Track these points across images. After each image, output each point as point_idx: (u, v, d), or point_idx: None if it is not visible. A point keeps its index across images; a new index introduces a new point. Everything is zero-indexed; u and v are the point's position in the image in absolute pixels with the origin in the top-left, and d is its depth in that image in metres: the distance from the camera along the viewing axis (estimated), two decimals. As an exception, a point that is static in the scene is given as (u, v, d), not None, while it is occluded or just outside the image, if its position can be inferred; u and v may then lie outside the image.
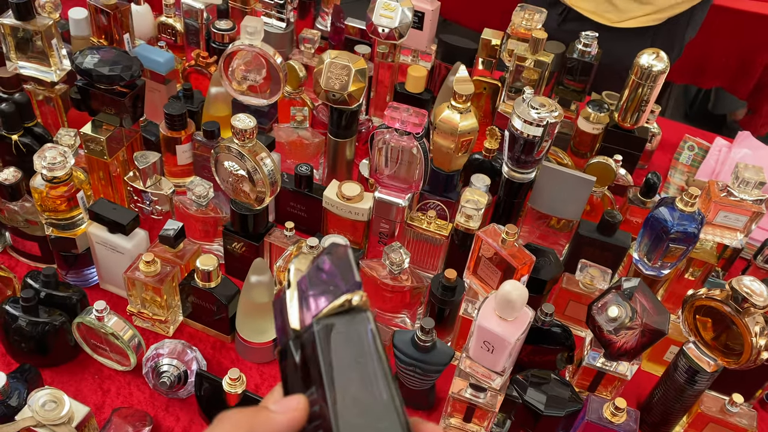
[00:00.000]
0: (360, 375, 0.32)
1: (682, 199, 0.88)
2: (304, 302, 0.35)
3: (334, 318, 0.34)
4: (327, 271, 0.36)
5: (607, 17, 1.56)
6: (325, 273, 0.36)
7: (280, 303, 0.39)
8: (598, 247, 1.12)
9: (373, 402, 0.31)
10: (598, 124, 1.30)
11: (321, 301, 0.34)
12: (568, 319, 1.09)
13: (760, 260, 1.19)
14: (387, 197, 1.06)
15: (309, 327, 0.34)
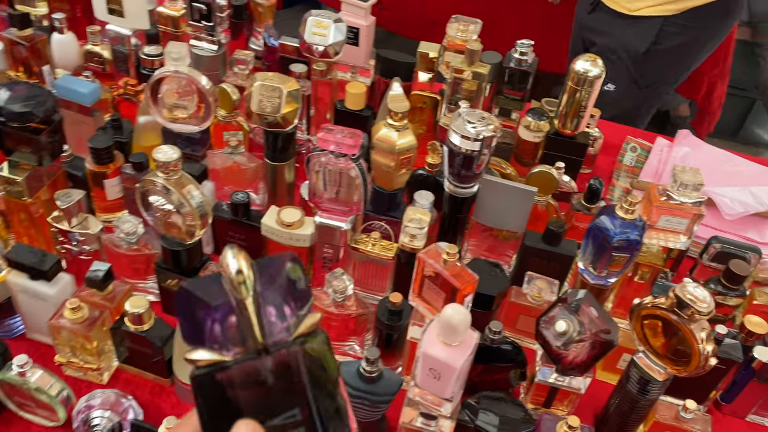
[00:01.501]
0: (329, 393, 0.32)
1: (622, 206, 0.87)
2: (269, 314, 0.32)
3: (310, 335, 0.32)
4: (280, 284, 0.32)
5: (623, 5, 1.61)
6: (279, 285, 0.32)
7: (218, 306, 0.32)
8: (545, 258, 1.10)
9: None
10: (538, 132, 1.30)
11: (289, 316, 0.32)
12: (520, 332, 1.07)
13: (706, 258, 1.19)
14: (328, 221, 1.03)
15: (286, 344, 0.31)
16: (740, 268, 1.09)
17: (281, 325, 0.32)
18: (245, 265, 0.31)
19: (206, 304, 0.31)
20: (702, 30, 1.65)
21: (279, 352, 0.31)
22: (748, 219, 1.31)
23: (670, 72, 1.72)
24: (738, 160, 1.49)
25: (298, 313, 0.32)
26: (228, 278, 0.31)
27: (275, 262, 0.32)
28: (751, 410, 1.01)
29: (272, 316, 0.32)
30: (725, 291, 1.12)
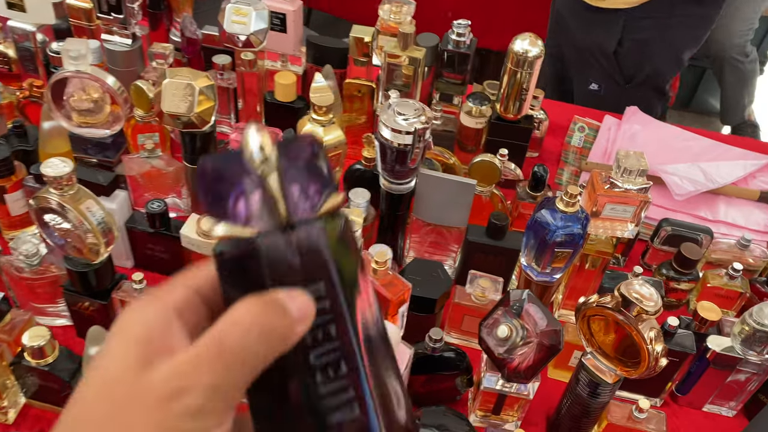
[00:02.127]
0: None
1: (562, 199, 0.81)
2: (293, 192, 0.30)
3: (332, 215, 0.31)
4: (304, 164, 0.31)
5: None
6: (303, 165, 0.31)
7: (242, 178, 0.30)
8: (489, 253, 1.04)
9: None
10: (480, 118, 1.23)
11: (313, 194, 0.31)
12: (467, 334, 1.01)
13: (657, 242, 1.15)
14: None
15: (310, 221, 0.30)
16: (691, 251, 1.05)
17: (305, 203, 0.31)
18: (268, 142, 0.30)
19: (229, 180, 0.30)
20: (670, 18, 1.51)
21: (303, 228, 0.30)
22: (699, 197, 1.27)
23: (647, 66, 1.59)
24: (688, 135, 1.45)
25: (321, 192, 0.31)
26: (250, 155, 0.30)
27: (299, 143, 0.32)
28: (708, 400, 0.97)
29: (296, 194, 0.31)
30: (677, 276, 1.07)
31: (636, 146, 1.40)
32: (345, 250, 0.31)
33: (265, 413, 0.30)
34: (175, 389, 0.26)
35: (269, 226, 0.30)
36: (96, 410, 0.27)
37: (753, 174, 1.36)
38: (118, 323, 0.29)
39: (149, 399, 0.26)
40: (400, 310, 0.77)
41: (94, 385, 0.27)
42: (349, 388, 0.30)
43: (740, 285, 1.06)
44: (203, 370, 0.26)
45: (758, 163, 1.38)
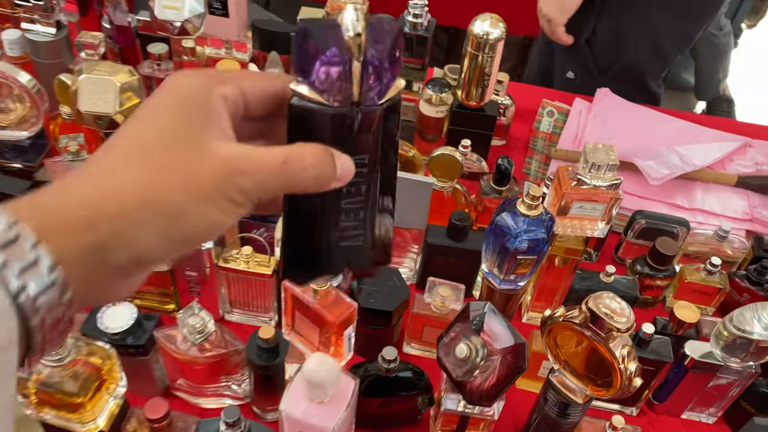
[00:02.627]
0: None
1: (524, 201, 0.73)
2: (369, 77, 0.34)
3: (387, 104, 0.36)
4: (386, 47, 0.34)
5: None
6: (385, 48, 0.34)
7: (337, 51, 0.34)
8: (451, 255, 0.96)
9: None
10: (441, 106, 1.14)
11: (384, 83, 0.35)
12: (429, 345, 0.93)
13: (631, 236, 1.08)
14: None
15: (375, 105, 0.35)
16: (667, 247, 0.98)
17: (375, 91, 0.35)
18: (362, 23, 0.33)
19: (319, 47, 0.33)
20: (647, 9, 1.37)
21: (368, 109, 0.35)
22: (675, 184, 1.20)
23: (623, 57, 1.45)
24: (662, 117, 1.38)
25: (390, 82, 0.35)
26: (345, 30, 0.33)
27: (389, 25, 0.35)
28: (686, 407, 0.90)
29: (371, 82, 0.34)
30: (652, 272, 1.00)
31: (608, 131, 1.32)
32: (393, 132, 0.37)
33: (296, 227, 0.37)
34: (238, 169, 0.32)
35: (342, 100, 0.34)
36: (167, 133, 0.32)
37: (730, 157, 1.30)
38: (192, 79, 0.33)
39: (216, 161, 0.31)
40: (346, 332, 0.69)
41: (171, 108, 0.32)
42: (359, 227, 0.38)
43: (719, 280, 0.99)
44: (262, 170, 0.32)
45: (734, 144, 1.31)
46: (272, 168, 0.32)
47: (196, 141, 0.32)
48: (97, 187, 0.30)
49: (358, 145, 0.35)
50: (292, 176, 0.33)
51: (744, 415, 0.88)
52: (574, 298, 0.96)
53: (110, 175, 0.31)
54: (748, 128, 1.42)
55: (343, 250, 0.38)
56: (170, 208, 0.30)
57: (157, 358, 0.81)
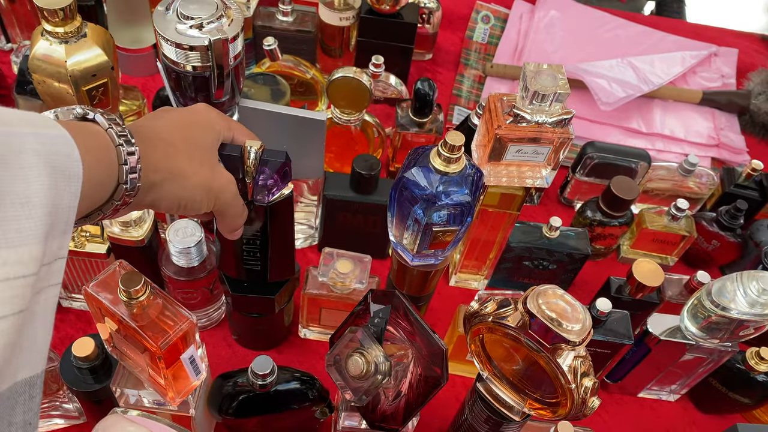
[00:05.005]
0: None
1: (441, 153, 0.51)
2: (257, 189, 0.54)
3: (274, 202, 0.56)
4: (266, 175, 0.54)
5: None
6: (272, 170, 0.54)
7: None
8: (357, 212, 0.75)
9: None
10: (346, 11, 0.89)
11: (270, 192, 0.55)
12: (330, 328, 0.73)
13: (581, 173, 0.88)
14: None
15: (263, 204, 0.55)
16: (624, 189, 0.79)
17: (264, 196, 0.53)
18: (253, 163, 0.51)
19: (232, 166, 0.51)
20: None
21: (257, 205, 0.54)
22: (630, 103, 1.00)
23: None
24: (616, 21, 1.16)
25: (276, 192, 0.54)
26: (245, 166, 0.51)
27: (277, 157, 0.52)
28: (645, 386, 0.75)
29: (258, 191, 0.53)
30: (606, 220, 0.82)
31: (553, 39, 1.10)
32: (283, 213, 0.56)
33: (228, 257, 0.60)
34: (224, 187, 0.48)
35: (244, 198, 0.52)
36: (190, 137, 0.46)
37: (693, 69, 1.10)
38: (218, 117, 0.50)
39: (217, 174, 0.47)
40: (184, 356, 0.47)
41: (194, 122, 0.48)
42: (258, 260, 0.59)
43: (684, 227, 0.82)
44: (233, 198, 0.49)
45: (699, 54, 1.12)
46: (239, 202, 0.51)
47: (214, 157, 0.48)
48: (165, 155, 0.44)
49: (252, 222, 0.55)
50: (240, 214, 0.52)
51: (712, 393, 0.73)
52: (511, 258, 0.77)
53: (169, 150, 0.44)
54: (708, 32, 1.22)
55: (249, 270, 0.61)
56: (194, 187, 0.45)
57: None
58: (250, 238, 0.58)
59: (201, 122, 0.47)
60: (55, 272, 0.33)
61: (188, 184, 0.44)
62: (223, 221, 0.50)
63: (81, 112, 0.40)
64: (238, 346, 0.73)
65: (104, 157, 0.38)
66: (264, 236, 0.57)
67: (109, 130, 0.39)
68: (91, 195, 0.37)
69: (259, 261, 0.60)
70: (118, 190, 0.39)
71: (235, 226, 0.52)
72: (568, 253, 0.76)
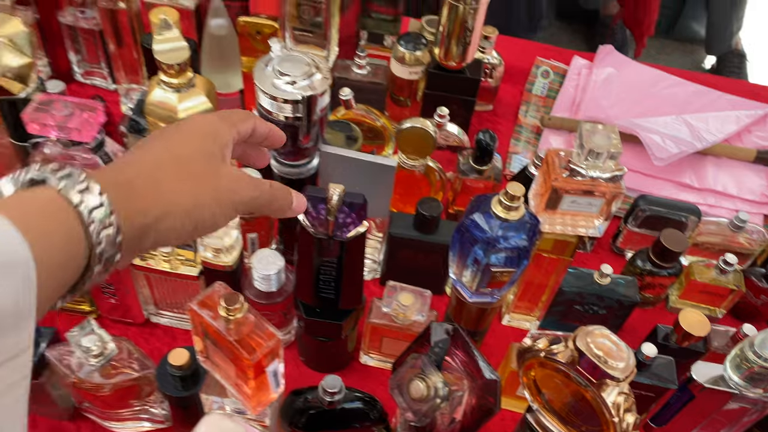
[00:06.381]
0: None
1: (502, 201, 0.57)
2: (340, 225, 0.63)
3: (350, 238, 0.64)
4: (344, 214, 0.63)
5: None
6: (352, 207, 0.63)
7: None
8: (418, 249, 0.81)
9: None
10: (415, 67, 0.97)
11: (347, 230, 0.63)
12: (390, 356, 0.79)
13: (633, 224, 0.93)
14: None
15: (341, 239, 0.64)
16: (674, 242, 0.83)
17: (342, 232, 0.62)
18: (336, 204, 0.61)
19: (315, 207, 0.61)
20: None
21: (336, 240, 0.63)
22: (684, 158, 1.04)
23: None
24: (671, 79, 1.20)
25: (352, 229, 0.63)
26: (328, 206, 0.61)
27: (355, 200, 0.61)
28: (688, 432, 0.77)
29: (338, 228, 0.62)
30: (656, 270, 0.86)
31: (610, 95, 1.15)
32: (356, 249, 0.64)
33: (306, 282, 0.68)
34: (235, 187, 0.43)
35: (323, 232, 0.62)
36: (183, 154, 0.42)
37: (748, 128, 1.13)
38: (214, 120, 0.45)
39: (228, 178, 0.43)
40: (269, 368, 0.54)
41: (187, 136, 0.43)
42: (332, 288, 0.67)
43: (732, 281, 0.85)
44: (258, 188, 0.45)
45: (754, 113, 1.15)
46: (263, 188, 0.45)
47: (215, 163, 0.42)
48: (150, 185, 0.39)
49: (330, 254, 0.63)
50: (274, 197, 0.46)
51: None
52: (562, 302, 0.82)
53: (156, 181, 0.39)
54: (765, 92, 1.25)
55: (323, 298, 0.68)
56: (199, 207, 0.40)
57: (54, 381, 0.67)
58: (326, 268, 0.65)
59: (197, 131, 0.43)
60: (18, 368, 0.29)
61: (190, 208, 0.39)
62: (270, 209, 0.46)
63: (29, 176, 0.34)
64: (305, 367, 0.80)
65: (60, 224, 0.32)
66: (339, 267, 0.64)
67: (63, 190, 0.33)
68: (54, 273, 0.32)
69: (332, 289, 0.67)
70: (94, 254, 0.33)
71: (284, 209, 0.47)
72: (617, 299, 0.80)
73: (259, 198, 0.44)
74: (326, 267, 0.65)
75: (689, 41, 2.65)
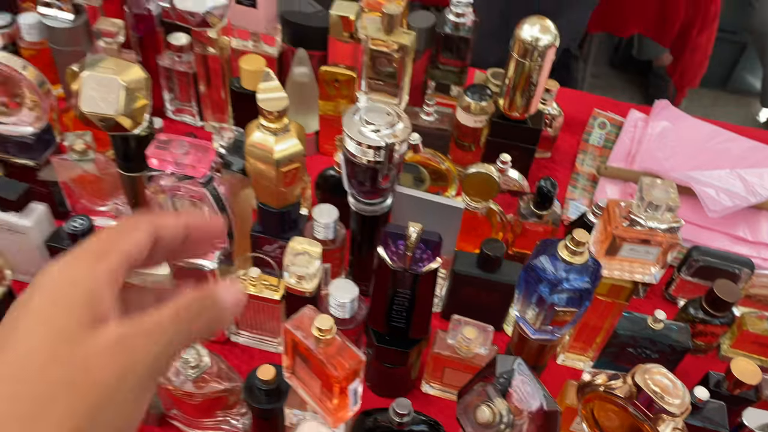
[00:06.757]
0: None
1: (567, 246, 0.63)
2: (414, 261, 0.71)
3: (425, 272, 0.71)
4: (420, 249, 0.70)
5: None
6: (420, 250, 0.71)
7: None
8: (480, 287, 0.87)
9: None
10: (480, 116, 1.04)
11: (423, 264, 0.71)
12: (450, 386, 0.84)
13: (686, 273, 0.96)
14: (188, 260, 0.78)
15: (416, 272, 0.71)
16: (727, 292, 0.86)
17: (418, 266, 0.70)
18: (414, 242, 0.68)
19: (394, 242, 0.69)
20: None
21: (412, 272, 0.70)
22: (738, 212, 1.08)
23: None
24: (727, 134, 1.24)
25: (428, 262, 0.70)
26: (407, 242, 0.68)
27: (433, 238, 0.69)
28: (738, 478, 0.79)
29: (415, 262, 0.69)
30: (708, 318, 0.89)
31: (665, 148, 1.19)
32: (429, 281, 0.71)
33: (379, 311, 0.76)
34: (133, 345, 0.30)
35: (401, 266, 0.69)
36: (42, 361, 0.28)
37: (803, 184, 1.16)
38: (59, 277, 0.30)
39: (107, 354, 0.29)
40: (351, 386, 0.60)
41: (38, 338, 0.28)
42: (403, 318, 0.74)
43: (785, 333, 0.88)
44: (158, 331, 0.31)
45: (810, 170, 1.17)
46: (166, 324, 0.31)
47: (80, 342, 0.29)
48: None
49: (404, 285, 0.70)
50: (191, 323, 0.32)
51: (807, 494, 0.77)
52: (616, 344, 0.86)
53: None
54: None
55: (394, 327, 0.75)
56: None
57: (150, 388, 0.74)
58: (399, 299, 0.71)
59: (42, 315, 0.29)
60: None
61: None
62: (200, 334, 0.33)
63: None
64: (369, 392, 0.85)
65: None
66: (411, 299, 0.71)
67: None
68: None
69: (403, 319, 0.73)
70: None
71: (222, 320, 0.35)
72: (670, 344, 0.83)
73: (170, 342, 0.31)
74: (400, 298, 0.71)
75: (744, 94, 2.67)
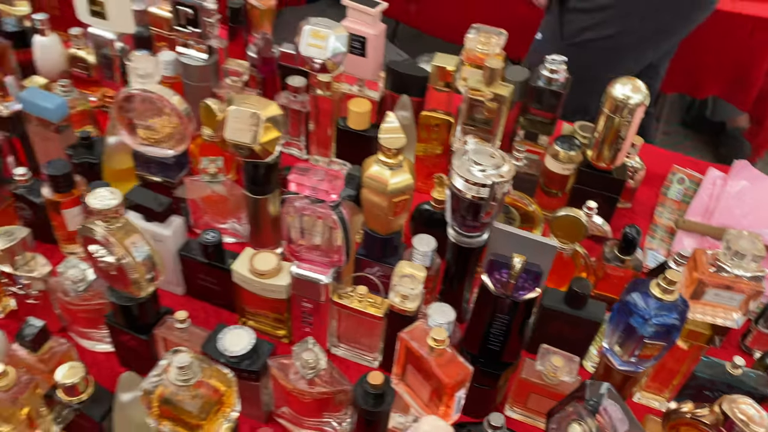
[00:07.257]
0: None
1: (659, 285, 0.69)
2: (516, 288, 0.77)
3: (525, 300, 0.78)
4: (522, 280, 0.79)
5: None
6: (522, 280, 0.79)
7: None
8: (566, 322, 0.93)
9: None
10: (568, 164, 1.11)
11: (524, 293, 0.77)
12: (532, 411, 0.90)
13: (763, 325, 1.00)
14: (306, 273, 0.87)
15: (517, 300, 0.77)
16: (806, 345, 0.90)
17: (519, 294, 0.76)
18: (517, 272, 0.75)
19: (499, 272, 0.77)
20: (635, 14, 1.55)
21: (513, 299, 0.76)
22: (816, 273, 1.11)
23: (591, 37, 1.59)
24: (806, 197, 1.27)
25: (530, 290, 0.77)
26: (512, 271, 0.75)
27: (533, 269, 0.77)
28: None
29: (517, 289, 0.76)
30: (785, 370, 0.92)
31: (743, 205, 1.24)
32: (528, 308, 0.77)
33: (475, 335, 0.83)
34: None
35: (503, 293, 0.74)
36: None
37: None
38: None
39: None
40: (457, 394, 0.68)
41: None
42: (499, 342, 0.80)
43: None
44: None
45: None
46: None
47: None
48: None
49: (503, 311, 0.77)
50: None
51: None
52: (693, 386, 0.90)
53: None
54: None
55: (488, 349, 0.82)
56: None
57: (267, 384, 0.83)
58: (497, 324, 0.78)
59: None
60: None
61: None
62: None
63: None
64: (456, 411, 0.92)
65: None
66: (509, 324, 0.78)
67: None
68: None
69: (499, 343, 0.80)
70: None
71: None
72: (747, 391, 0.87)
73: None
74: (498, 323, 0.78)
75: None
